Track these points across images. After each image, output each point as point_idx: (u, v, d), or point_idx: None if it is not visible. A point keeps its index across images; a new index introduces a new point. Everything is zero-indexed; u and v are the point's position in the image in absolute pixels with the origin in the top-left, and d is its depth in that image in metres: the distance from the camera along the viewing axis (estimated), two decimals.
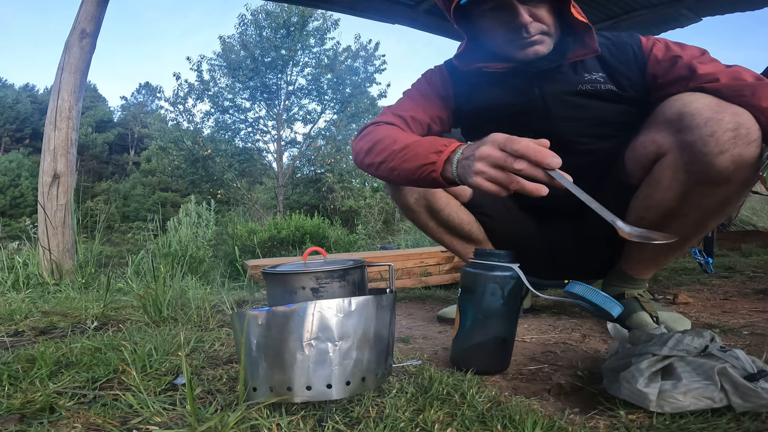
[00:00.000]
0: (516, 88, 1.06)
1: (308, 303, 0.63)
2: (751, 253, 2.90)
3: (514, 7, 0.93)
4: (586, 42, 0.97)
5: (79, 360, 0.88)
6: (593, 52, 0.97)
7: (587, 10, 3.62)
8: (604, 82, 1.01)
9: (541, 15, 0.95)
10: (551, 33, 0.97)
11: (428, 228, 1.25)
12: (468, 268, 0.88)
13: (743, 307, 1.37)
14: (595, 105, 1.03)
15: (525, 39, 0.96)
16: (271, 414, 0.63)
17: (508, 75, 1.05)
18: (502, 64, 1.03)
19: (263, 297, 1.76)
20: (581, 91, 1.02)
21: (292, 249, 4.11)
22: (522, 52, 0.98)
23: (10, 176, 21.30)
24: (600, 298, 0.76)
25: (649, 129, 0.97)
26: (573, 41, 0.99)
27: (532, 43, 0.96)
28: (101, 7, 2.40)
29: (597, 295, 0.76)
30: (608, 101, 1.02)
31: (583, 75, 1.02)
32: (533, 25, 0.94)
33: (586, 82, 1.02)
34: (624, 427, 0.60)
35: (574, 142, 1.07)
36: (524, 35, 0.95)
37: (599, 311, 0.77)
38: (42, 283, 2.00)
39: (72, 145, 2.34)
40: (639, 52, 0.99)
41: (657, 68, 0.97)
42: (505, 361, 0.87)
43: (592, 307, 0.77)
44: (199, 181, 12.69)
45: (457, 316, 0.89)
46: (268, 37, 12.04)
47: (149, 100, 37.43)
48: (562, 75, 1.03)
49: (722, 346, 0.68)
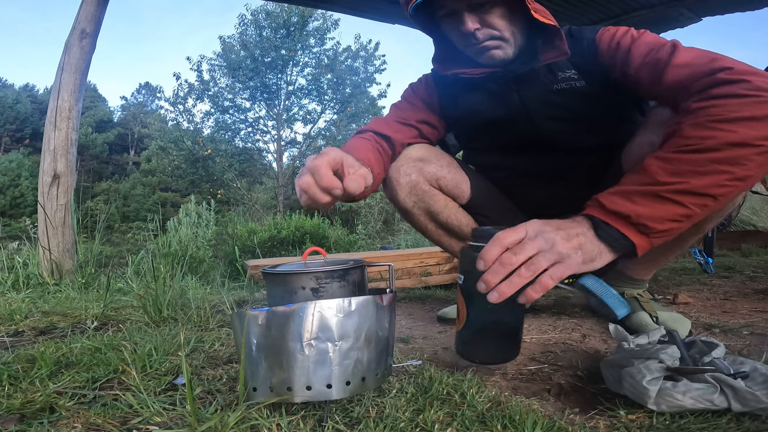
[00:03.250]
0: (495, 93, 1.09)
1: (308, 303, 0.63)
2: (751, 253, 2.90)
3: (460, 15, 0.96)
4: (556, 44, 0.98)
5: (79, 360, 0.88)
6: (563, 55, 0.98)
7: (587, 11, 3.62)
8: (577, 78, 1.02)
9: (492, 21, 0.96)
10: (506, 38, 0.99)
11: (427, 230, 1.25)
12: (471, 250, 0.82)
13: (743, 307, 1.37)
14: (573, 102, 1.04)
15: (475, 45, 0.99)
16: (271, 414, 0.63)
17: (486, 80, 1.08)
18: (479, 70, 1.05)
19: (263, 297, 1.76)
20: (557, 90, 1.04)
21: (292, 249, 4.11)
22: (479, 57, 1.02)
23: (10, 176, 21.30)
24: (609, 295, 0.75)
25: (645, 130, 0.97)
26: (543, 43, 1.00)
27: (485, 48, 0.99)
28: (101, 7, 2.40)
29: (606, 292, 0.76)
30: (584, 97, 1.03)
31: (557, 74, 1.03)
32: (481, 32, 0.97)
33: (561, 81, 1.03)
34: (624, 427, 0.60)
35: (561, 141, 1.10)
36: (473, 41, 0.98)
37: (604, 308, 0.76)
38: (42, 283, 2.00)
39: (72, 145, 2.34)
40: (592, 45, 0.99)
41: (606, 58, 0.97)
42: (515, 349, 0.84)
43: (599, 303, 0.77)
44: (199, 181, 12.71)
45: (460, 304, 0.84)
46: (268, 37, 12.04)
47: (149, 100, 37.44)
48: (537, 77, 1.04)
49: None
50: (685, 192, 0.68)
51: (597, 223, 0.70)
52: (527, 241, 0.66)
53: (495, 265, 0.65)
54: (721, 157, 0.67)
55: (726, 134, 0.67)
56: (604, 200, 0.71)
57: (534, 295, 0.64)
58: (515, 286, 0.64)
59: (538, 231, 0.67)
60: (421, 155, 1.15)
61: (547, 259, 0.65)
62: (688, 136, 0.70)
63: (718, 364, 0.64)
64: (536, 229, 0.68)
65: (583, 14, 3.65)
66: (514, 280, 0.64)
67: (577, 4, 3.49)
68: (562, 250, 0.65)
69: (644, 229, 0.69)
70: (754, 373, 0.63)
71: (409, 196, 1.16)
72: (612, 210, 0.70)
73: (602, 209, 0.71)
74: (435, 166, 1.16)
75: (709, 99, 0.71)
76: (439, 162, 1.17)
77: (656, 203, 0.68)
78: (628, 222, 0.69)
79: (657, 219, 0.68)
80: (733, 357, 0.71)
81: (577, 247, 0.67)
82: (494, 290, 0.64)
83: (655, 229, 0.69)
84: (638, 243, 0.70)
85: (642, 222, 0.68)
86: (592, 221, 0.71)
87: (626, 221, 0.69)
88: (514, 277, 0.64)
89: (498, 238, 0.66)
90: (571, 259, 0.66)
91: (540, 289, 0.64)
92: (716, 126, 0.68)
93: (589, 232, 0.70)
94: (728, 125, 0.67)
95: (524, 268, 0.64)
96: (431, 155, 1.17)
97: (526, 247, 0.65)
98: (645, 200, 0.68)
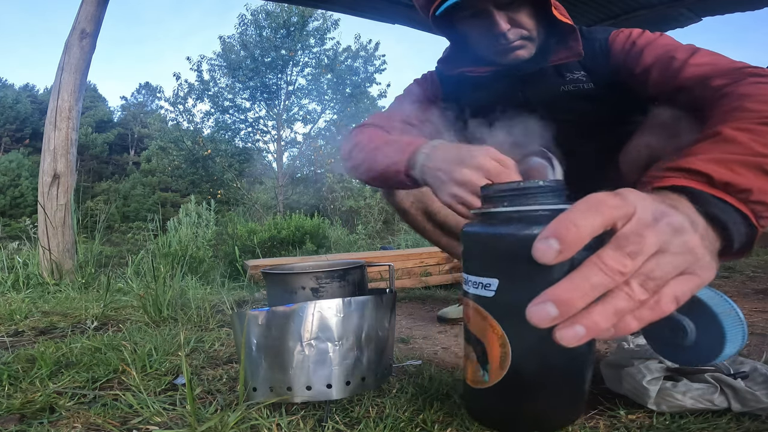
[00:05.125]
0: (500, 92, 1.07)
1: (308, 303, 0.63)
2: (751, 253, 2.90)
3: (491, 15, 0.92)
4: (570, 44, 0.96)
5: (79, 360, 0.88)
6: (577, 56, 0.96)
7: (587, 11, 3.62)
8: (585, 81, 1.00)
9: (521, 20, 0.94)
10: (533, 37, 0.97)
11: (425, 230, 1.25)
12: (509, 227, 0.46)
13: (743, 307, 1.37)
14: (578, 105, 1.02)
15: (504, 45, 0.95)
16: (271, 414, 0.63)
17: (491, 79, 1.06)
18: (485, 68, 1.03)
19: (263, 297, 1.76)
20: (564, 92, 1.02)
21: (292, 249, 4.11)
22: (504, 58, 0.99)
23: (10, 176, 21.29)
24: (733, 319, 0.49)
25: (642, 133, 0.97)
26: (556, 43, 0.98)
27: (513, 49, 0.96)
28: (101, 7, 2.40)
29: (730, 312, 0.49)
30: (591, 100, 1.01)
31: (565, 75, 1.01)
32: (512, 32, 0.94)
33: (569, 83, 1.01)
34: (624, 427, 0.60)
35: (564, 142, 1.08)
36: (503, 42, 0.95)
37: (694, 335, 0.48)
38: (42, 283, 2.00)
39: (72, 145, 2.34)
40: (604, 46, 0.97)
41: (618, 59, 0.95)
42: (583, 399, 0.54)
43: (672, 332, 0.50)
44: (199, 181, 12.71)
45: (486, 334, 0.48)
46: (268, 37, 12.05)
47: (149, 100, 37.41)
48: (544, 77, 1.02)
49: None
50: None
51: (705, 199, 0.45)
52: (645, 225, 0.35)
53: (589, 269, 0.33)
54: None
55: None
56: (703, 168, 0.47)
57: (635, 327, 0.35)
58: (617, 316, 0.34)
59: (656, 210, 0.36)
60: None
61: (675, 266, 0.36)
62: (759, 110, 0.56)
63: (718, 364, 0.64)
64: (651, 205, 0.37)
65: (584, 14, 3.65)
66: (620, 305, 0.33)
67: (577, 4, 3.49)
68: (698, 250, 0.37)
69: (762, 210, 0.48)
70: (753, 373, 0.63)
71: (407, 195, 1.16)
72: (722, 181, 0.46)
73: (705, 180, 0.47)
74: None
75: (754, 84, 0.63)
76: None
77: (763, 177, 0.49)
78: (746, 200, 0.47)
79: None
80: (733, 357, 0.70)
81: (710, 248, 0.40)
82: (576, 322, 0.33)
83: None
84: (759, 229, 0.49)
85: (762, 200, 0.48)
86: (695, 197, 0.45)
87: (742, 198, 0.47)
88: (620, 299, 0.33)
89: (600, 200, 0.34)
90: (707, 269, 0.38)
91: (651, 317, 0.35)
92: None
93: (700, 217, 0.43)
94: None
95: (637, 283, 0.34)
96: None
97: (646, 238, 0.34)
98: (752, 173, 0.49)
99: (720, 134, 0.53)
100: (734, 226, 0.45)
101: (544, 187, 0.47)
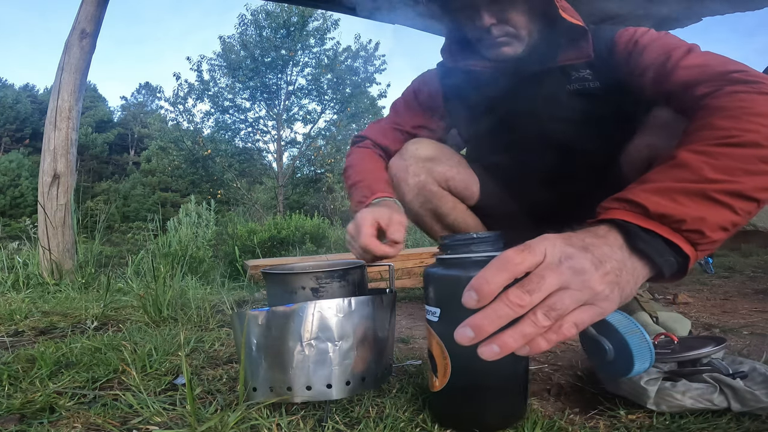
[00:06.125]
0: (503, 89, 1.06)
1: (308, 303, 0.63)
2: (751, 253, 2.90)
3: (477, 10, 0.94)
4: (580, 45, 0.96)
5: (79, 360, 0.88)
6: (585, 57, 0.96)
7: (587, 11, 3.62)
8: (591, 79, 1.00)
9: (509, 17, 0.95)
10: (521, 36, 0.97)
11: (433, 232, 1.23)
12: (450, 268, 0.59)
13: (743, 307, 1.37)
14: (583, 105, 1.01)
15: (490, 40, 0.97)
16: (271, 414, 0.63)
17: (496, 76, 1.05)
18: (488, 64, 1.03)
19: (263, 297, 1.76)
20: (569, 91, 1.01)
21: (292, 249, 4.11)
22: (490, 52, 1.00)
23: (10, 176, 21.30)
24: (638, 341, 0.53)
25: (643, 133, 0.96)
26: (566, 43, 0.98)
27: (498, 45, 0.97)
28: (101, 7, 2.40)
29: (635, 334, 0.54)
30: (596, 99, 1.00)
31: (571, 74, 1.01)
32: (497, 28, 0.95)
33: (574, 81, 1.01)
34: (624, 427, 0.60)
35: (568, 141, 1.07)
36: (487, 37, 0.96)
37: (606, 352, 0.56)
38: (42, 283, 2.00)
39: (72, 145, 2.34)
40: (610, 44, 0.97)
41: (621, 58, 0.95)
42: (524, 404, 0.63)
43: (594, 345, 0.57)
44: (199, 181, 12.71)
45: (436, 351, 0.60)
46: (268, 37, 12.04)
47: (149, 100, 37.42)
48: (549, 76, 1.02)
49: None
50: (737, 194, 0.54)
51: (634, 233, 0.51)
52: (547, 268, 0.45)
53: (497, 303, 0.43)
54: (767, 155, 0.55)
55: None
56: (642, 199, 0.53)
57: (545, 347, 0.44)
58: (525, 338, 0.43)
59: (562, 254, 0.46)
60: (430, 154, 1.12)
61: (575, 299, 0.44)
62: (725, 128, 0.58)
63: (716, 364, 0.64)
64: (559, 250, 0.46)
65: (584, 14, 3.65)
66: (526, 330, 0.43)
67: (576, 4, 3.49)
68: (597, 287, 0.45)
69: (698, 238, 0.52)
70: (753, 372, 0.63)
71: (417, 197, 1.14)
72: (657, 213, 0.52)
73: (641, 212, 0.52)
74: (445, 165, 1.13)
75: (732, 94, 0.64)
76: (449, 162, 1.14)
77: (707, 205, 0.53)
78: (679, 229, 0.52)
79: (711, 226, 0.52)
80: (733, 357, 0.71)
81: (614, 282, 0.47)
82: (492, 342, 0.43)
83: (707, 240, 0.53)
84: (692, 257, 0.53)
85: (698, 228, 0.52)
86: (626, 230, 0.51)
87: (676, 228, 0.52)
88: (526, 325, 0.43)
89: (507, 259, 0.44)
90: (606, 300, 0.46)
91: (556, 339, 0.44)
92: (754, 120, 0.58)
93: (622, 249, 0.50)
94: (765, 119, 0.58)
95: (541, 313, 0.43)
96: (441, 154, 1.13)
97: (546, 279, 0.44)
98: (692, 201, 0.52)
99: (674, 158, 0.58)
100: (660, 257, 0.51)
101: (476, 239, 0.59)
